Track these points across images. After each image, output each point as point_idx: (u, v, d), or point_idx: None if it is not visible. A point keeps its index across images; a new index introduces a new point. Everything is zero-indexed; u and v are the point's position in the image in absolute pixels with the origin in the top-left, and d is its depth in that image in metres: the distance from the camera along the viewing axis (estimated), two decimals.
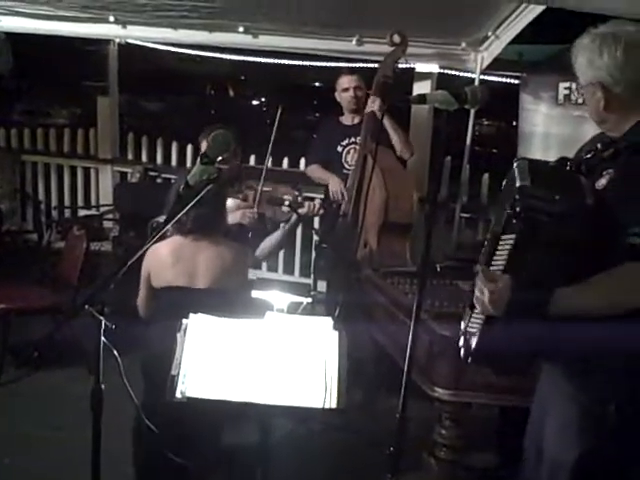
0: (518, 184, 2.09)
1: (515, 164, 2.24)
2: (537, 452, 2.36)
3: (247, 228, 4.26)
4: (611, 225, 2.04)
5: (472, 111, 5.62)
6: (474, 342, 2.30)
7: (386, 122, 4.78)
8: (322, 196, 5.63)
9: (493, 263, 2.20)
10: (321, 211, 4.43)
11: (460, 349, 2.45)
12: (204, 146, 3.96)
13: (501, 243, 2.16)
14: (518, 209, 2.04)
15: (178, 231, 3.51)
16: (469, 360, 2.40)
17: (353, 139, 5.03)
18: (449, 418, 2.95)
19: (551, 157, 2.54)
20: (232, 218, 4.11)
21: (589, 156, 2.30)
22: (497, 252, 2.18)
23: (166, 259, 3.48)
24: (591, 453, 2.18)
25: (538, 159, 2.46)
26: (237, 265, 3.54)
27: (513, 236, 2.08)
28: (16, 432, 3.90)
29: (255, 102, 19.86)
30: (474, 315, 2.31)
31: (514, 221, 2.06)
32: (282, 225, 4.30)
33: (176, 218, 2.67)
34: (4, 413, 4.09)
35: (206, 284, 3.42)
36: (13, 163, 7.53)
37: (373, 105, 4.73)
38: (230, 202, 4.17)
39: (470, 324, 2.35)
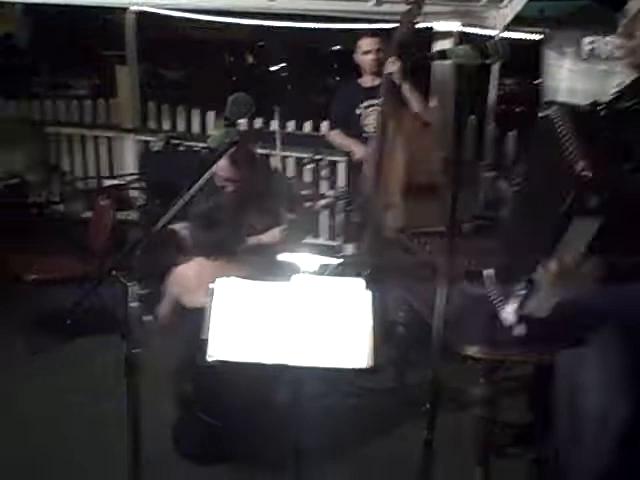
0: None
1: (557, 124, 2.17)
2: (570, 404, 2.34)
3: None
4: None
5: (495, 68, 5.56)
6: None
7: (405, 89, 4.63)
8: (345, 159, 5.64)
9: None
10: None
11: (509, 316, 2.42)
12: None
13: None
14: None
15: (198, 253, 3.51)
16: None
17: (373, 101, 4.97)
18: (482, 376, 2.94)
19: None
20: (269, 238, 4.22)
21: (629, 104, 2.24)
22: None
23: (191, 282, 3.49)
24: None
25: (578, 106, 2.38)
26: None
27: None
28: (50, 400, 3.96)
29: (274, 68, 19.68)
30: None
31: None
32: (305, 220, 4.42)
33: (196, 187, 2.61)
34: (38, 382, 4.15)
35: None
36: (37, 135, 7.57)
37: (392, 67, 4.56)
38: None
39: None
